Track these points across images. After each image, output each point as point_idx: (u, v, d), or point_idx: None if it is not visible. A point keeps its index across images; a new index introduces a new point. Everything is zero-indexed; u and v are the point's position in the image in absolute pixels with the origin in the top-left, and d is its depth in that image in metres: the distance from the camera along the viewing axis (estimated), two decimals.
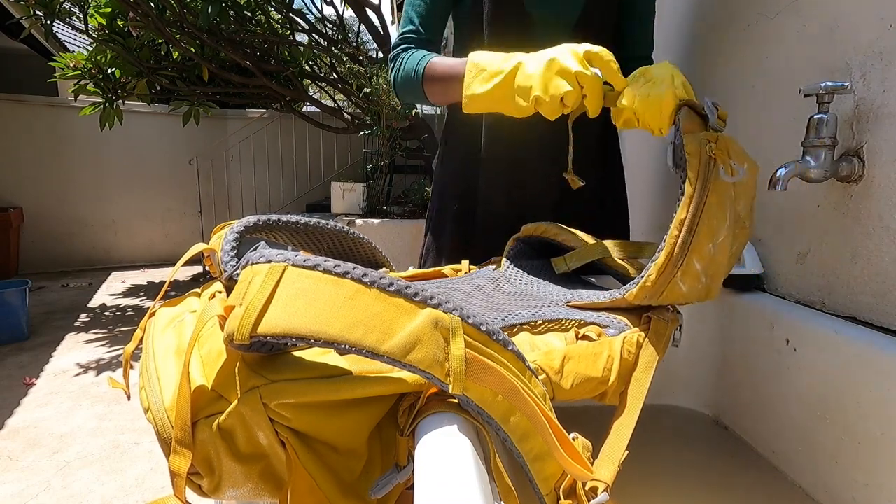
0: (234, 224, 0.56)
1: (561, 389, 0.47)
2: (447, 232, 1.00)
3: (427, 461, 0.33)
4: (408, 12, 0.89)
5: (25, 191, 4.61)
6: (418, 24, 0.87)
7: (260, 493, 0.39)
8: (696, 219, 0.51)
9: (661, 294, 0.56)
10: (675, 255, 0.52)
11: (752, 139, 0.91)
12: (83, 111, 3.34)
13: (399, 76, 0.87)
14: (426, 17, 0.87)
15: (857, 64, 0.69)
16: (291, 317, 0.34)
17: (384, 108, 3.18)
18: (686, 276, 0.53)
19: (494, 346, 0.38)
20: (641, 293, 0.56)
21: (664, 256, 0.53)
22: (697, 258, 0.53)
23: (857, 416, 0.63)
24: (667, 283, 0.54)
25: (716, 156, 0.52)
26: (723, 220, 0.53)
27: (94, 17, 3.00)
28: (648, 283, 0.55)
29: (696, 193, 0.51)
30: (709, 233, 0.52)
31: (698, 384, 0.93)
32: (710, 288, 0.56)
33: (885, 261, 0.65)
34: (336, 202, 3.40)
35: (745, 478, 0.75)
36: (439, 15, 0.89)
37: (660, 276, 0.54)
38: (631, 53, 0.92)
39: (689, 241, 0.52)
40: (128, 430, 1.95)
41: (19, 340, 2.88)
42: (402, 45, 0.88)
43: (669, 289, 0.55)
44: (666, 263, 0.53)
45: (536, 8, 0.86)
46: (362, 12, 3.39)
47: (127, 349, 0.48)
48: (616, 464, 0.43)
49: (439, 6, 0.89)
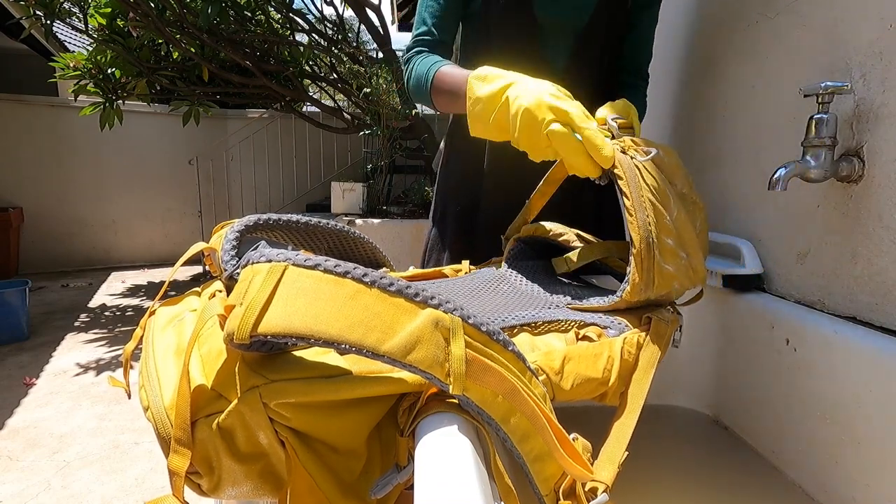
0: (234, 223, 0.56)
1: (561, 390, 0.47)
2: (450, 232, 1.01)
3: (427, 461, 0.33)
4: (421, 13, 0.90)
5: (25, 191, 4.61)
6: (431, 24, 0.89)
7: (259, 492, 0.39)
8: (641, 199, 0.57)
9: (654, 282, 0.57)
10: (646, 237, 0.56)
11: (753, 139, 0.91)
12: (83, 111, 3.34)
13: (411, 81, 0.88)
14: (439, 19, 0.88)
15: (857, 64, 0.69)
16: (292, 316, 0.34)
17: (384, 108, 3.18)
18: (665, 253, 0.57)
19: (495, 347, 0.38)
20: (635, 288, 0.57)
21: (638, 242, 0.56)
22: (665, 234, 0.58)
23: (857, 416, 0.63)
24: (653, 267, 0.56)
25: (624, 148, 0.61)
26: (666, 197, 0.59)
27: (94, 17, 3.00)
28: (636, 277, 0.57)
29: (628, 180, 0.57)
30: (662, 210, 0.58)
31: (698, 384, 0.93)
32: (693, 266, 0.60)
33: (885, 261, 0.65)
34: (336, 202, 3.40)
35: (745, 478, 0.75)
36: (452, 15, 0.90)
37: (642, 262, 0.56)
38: (628, 64, 0.94)
39: (648, 222, 0.56)
40: (128, 430, 1.95)
41: (19, 340, 2.88)
42: (416, 48, 0.89)
43: (658, 272, 0.57)
44: (641, 247, 0.56)
45: (545, 13, 0.86)
46: (362, 12, 3.39)
47: (127, 348, 0.48)
48: (616, 465, 0.43)
49: (452, 6, 0.89)
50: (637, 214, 0.56)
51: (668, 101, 1.20)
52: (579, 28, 0.87)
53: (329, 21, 3.71)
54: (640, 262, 0.56)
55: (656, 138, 1.26)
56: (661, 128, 1.23)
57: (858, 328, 0.66)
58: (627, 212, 0.57)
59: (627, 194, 0.57)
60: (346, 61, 3.52)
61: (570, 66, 0.89)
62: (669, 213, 0.58)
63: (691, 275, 0.61)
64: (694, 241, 0.60)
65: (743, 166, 0.94)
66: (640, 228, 0.56)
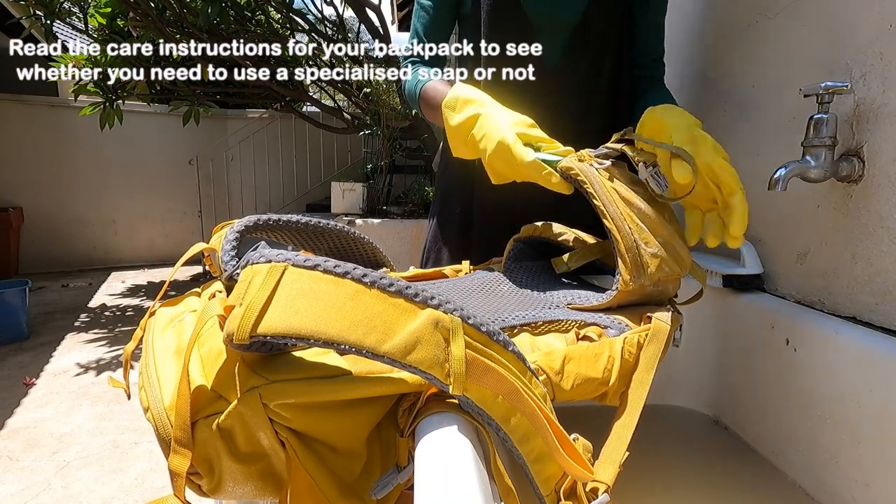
0: (234, 223, 0.56)
1: (561, 390, 0.47)
2: (448, 232, 1.01)
3: (427, 462, 0.33)
4: (414, 24, 0.93)
5: (25, 191, 4.61)
6: (422, 34, 0.91)
7: (259, 492, 0.39)
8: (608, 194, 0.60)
9: (644, 266, 0.59)
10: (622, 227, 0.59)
11: (753, 139, 0.91)
12: (83, 111, 3.34)
13: (404, 94, 0.92)
14: (429, 28, 0.91)
15: (857, 64, 0.69)
16: (291, 317, 0.34)
17: (384, 108, 3.18)
18: (645, 240, 0.60)
19: (495, 347, 0.38)
20: (628, 275, 0.59)
21: (616, 232, 0.59)
22: (640, 219, 0.61)
23: (857, 416, 0.63)
24: (637, 251, 0.59)
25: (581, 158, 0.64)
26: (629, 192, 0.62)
27: (94, 17, 3.00)
28: (625, 265, 0.59)
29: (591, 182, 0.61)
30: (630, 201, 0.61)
31: (698, 384, 0.93)
32: (678, 251, 0.62)
33: (885, 261, 0.65)
34: (336, 202, 3.40)
35: (745, 478, 0.75)
36: (443, 23, 0.92)
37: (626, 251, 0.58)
38: (639, 56, 0.92)
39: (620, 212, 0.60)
40: (128, 430, 1.95)
41: (19, 340, 2.88)
42: (407, 60, 0.92)
43: (644, 256, 0.59)
44: (620, 236, 0.59)
45: (536, 10, 0.85)
46: (362, 12, 3.39)
47: (127, 348, 0.48)
48: (617, 465, 0.43)
49: (441, 14, 0.91)
50: (608, 208, 0.59)
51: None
52: (573, 24, 0.87)
53: (329, 21, 3.71)
54: (623, 252, 0.59)
55: None
56: None
57: (858, 328, 0.66)
58: (599, 210, 0.60)
59: (594, 194, 0.60)
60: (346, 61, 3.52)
61: (565, 62, 0.88)
62: (638, 204, 0.61)
63: (679, 259, 0.62)
64: (668, 228, 0.62)
65: (743, 166, 0.94)
66: (612, 219, 0.59)
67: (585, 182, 0.61)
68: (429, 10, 0.90)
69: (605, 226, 0.60)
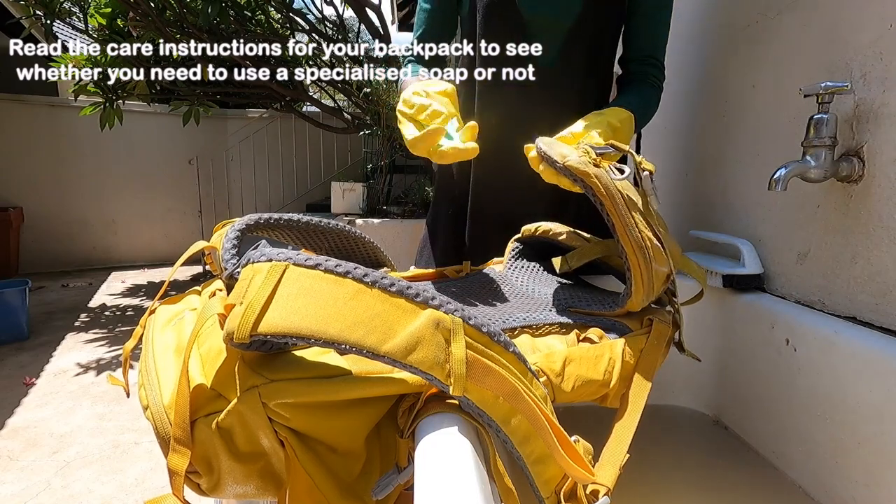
0: (235, 222, 0.56)
1: (562, 392, 0.47)
2: (441, 232, 1.02)
3: (427, 462, 0.33)
4: (416, 20, 0.94)
5: (25, 191, 4.61)
6: (423, 34, 0.93)
7: (259, 492, 0.39)
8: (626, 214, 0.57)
9: (654, 289, 0.57)
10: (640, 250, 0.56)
11: (753, 139, 0.91)
12: (83, 111, 3.34)
13: None
14: (430, 28, 0.92)
15: (857, 64, 0.69)
16: (292, 316, 0.33)
17: (384, 108, 3.17)
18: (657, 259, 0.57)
19: (496, 348, 0.38)
20: (638, 301, 0.57)
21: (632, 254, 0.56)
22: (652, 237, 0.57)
23: (857, 416, 0.63)
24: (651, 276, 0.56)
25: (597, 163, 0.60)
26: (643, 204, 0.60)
27: (94, 17, 3.00)
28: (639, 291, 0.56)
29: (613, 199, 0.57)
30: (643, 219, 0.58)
31: (698, 384, 0.93)
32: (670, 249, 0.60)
33: (885, 261, 0.65)
34: (336, 202, 3.40)
35: (745, 478, 0.75)
36: (443, 24, 0.93)
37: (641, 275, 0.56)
38: (633, 54, 0.92)
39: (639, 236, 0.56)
40: (128, 430, 1.95)
41: (19, 340, 2.87)
42: (408, 60, 0.94)
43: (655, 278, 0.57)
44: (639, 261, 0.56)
45: (531, 10, 0.86)
46: (362, 12, 3.39)
47: (127, 346, 0.48)
48: (617, 467, 0.43)
49: (441, 15, 0.92)
50: (631, 234, 0.55)
51: (668, 101, 1.20)
52: (568, 25, 0.87)
53: (329, 21, 3.71)
54: (639, 277, 0.56)
55: (657, 139, 1.26)
56: (661, 129, 1.23)
57: (858, 328, 0.66)
58: (619, 234, 0.56)
59: (614, 213, 0.56)
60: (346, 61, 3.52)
61: (561, 62, 0.88)
62: (650, 219, 0.58)
63: (672, 254, 0.61)
64: (664, 223, 0.62)
65: (743, 166, 0.94)
66: (633, 245, 0.55)
67: (605, 197, 0.56)
68: (429, 10, 0.92)
69: (622, 248, 0.56)
